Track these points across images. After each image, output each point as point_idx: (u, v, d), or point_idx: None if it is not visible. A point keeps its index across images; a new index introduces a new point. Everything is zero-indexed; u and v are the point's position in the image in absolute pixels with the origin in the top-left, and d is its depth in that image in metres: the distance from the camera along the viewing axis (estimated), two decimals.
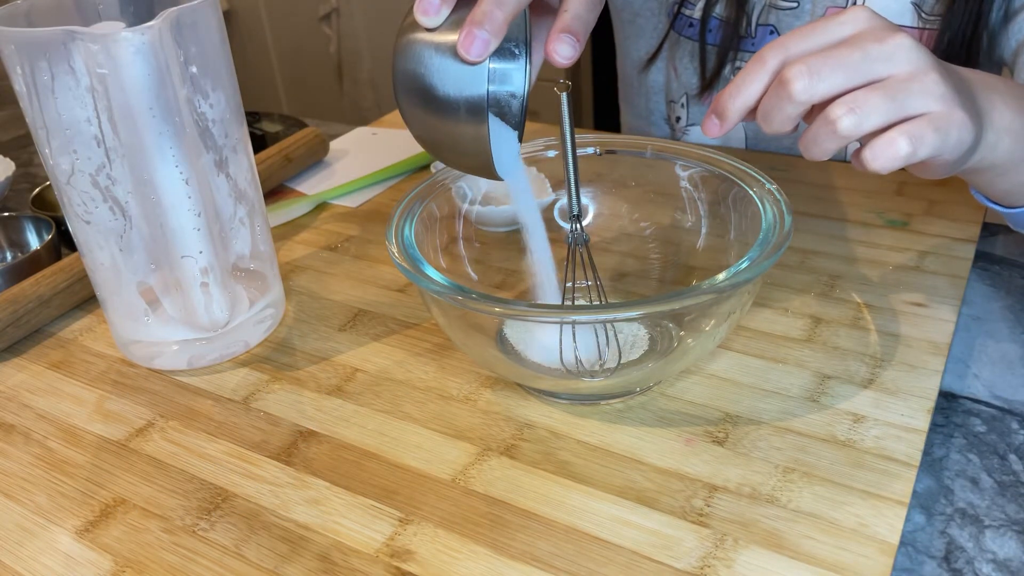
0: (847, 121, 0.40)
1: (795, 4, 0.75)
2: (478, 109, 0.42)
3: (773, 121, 0.43)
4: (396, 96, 0.45)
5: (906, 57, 0.41)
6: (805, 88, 0.41)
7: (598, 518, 0.42)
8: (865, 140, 0.41)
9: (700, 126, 0.45)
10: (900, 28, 0.42)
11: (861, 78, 0.41)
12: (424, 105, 0.43)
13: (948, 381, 0.52)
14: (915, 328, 0.54)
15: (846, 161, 0.79)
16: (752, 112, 0.44)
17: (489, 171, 0.45)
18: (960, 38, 0.67)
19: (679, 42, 0.83)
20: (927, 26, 0.70)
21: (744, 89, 0.43)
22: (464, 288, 0.43)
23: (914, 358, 0.51)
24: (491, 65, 0.42)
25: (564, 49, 0.44)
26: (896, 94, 0.40)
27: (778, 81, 0.42)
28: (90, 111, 0.46)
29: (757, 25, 0.77)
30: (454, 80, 0.42)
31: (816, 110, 0.42)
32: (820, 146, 0.42)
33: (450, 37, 0.42)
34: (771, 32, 0.77)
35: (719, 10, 0.78)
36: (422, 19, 0.42)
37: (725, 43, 0.77)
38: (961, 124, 0.41)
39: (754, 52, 0.50)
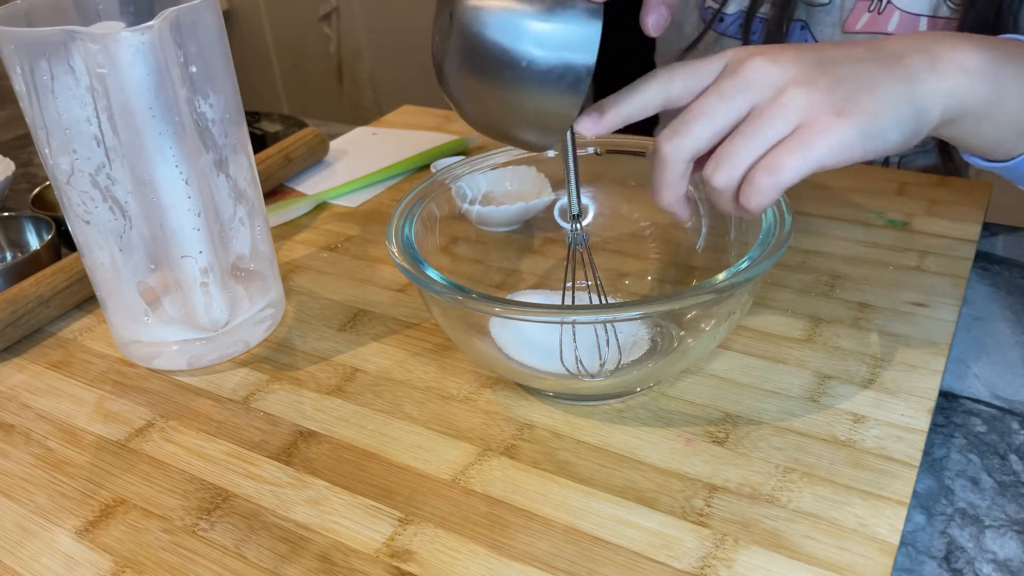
0: (718, 177, 0.41)
1: (827, 0, 0.75)
2: (583, 78, 0.39)
3: (660, 192, 0.43)
4: (454, 62, 0.41)
5: (762, 82, 0.41)
6: (676, 148, 0.41)
7: (598, 518, 0.42)
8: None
9: None
10: (760, 50, 0.42)
11: (726, 119, 0.41)
12: (505, 75, 0.39)
13: (948, 381, 0.52)
14: (915, 328, 0.54)
15: None
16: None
17: (553, 144, 0.43)
18: (982, 24, 0.67)
19: (719, 40, 0.83)
20: (957, 16, 0.70)
21: (628, 101, 0.43)
22: (464, 288, 0.43)
23: (914, 358, 0.51)
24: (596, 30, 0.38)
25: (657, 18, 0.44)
26: (755, 129, 0.40)
27: (653, 152, 0.42)
28: (90, 111, 0.46)
29: (789, 20, 0.77)
30: (561, 46, 0.38)
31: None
32: (721, 206, 0.43)
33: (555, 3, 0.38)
34: (802, 28, 0.76)
35: (764, 10, 0.78)
36: None
37: (768, 41, 0.77)
38: (827, 129, 0.39)
39: None
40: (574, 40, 0.39)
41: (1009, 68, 0.45)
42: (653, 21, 0.43)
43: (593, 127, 0.43)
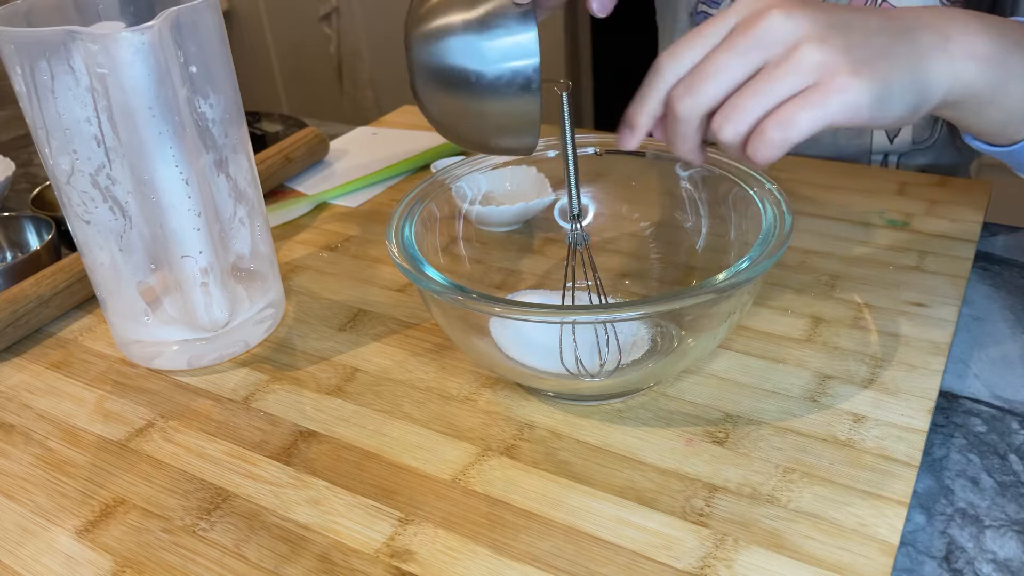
0: (726, 131, 0.41)
1: None
2: (533, 79, 0.41)
3: (675, 144, 0.44)
4: (423, 90, 0.43)
5: (777, 37, 0.40)
6: (689, 107, 0.42)
7: (598, 518, 0.42)
8: None
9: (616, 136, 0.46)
10: (773, 3, 0.41)
11: (739, 74, 0.41)
12: (464, 92, 0.42)
13: (948, 381, 0.52)
14: (915, 328, 0.54)
15: (845, 160, 0.79)
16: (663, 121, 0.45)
17: (532, 144, 0.45)
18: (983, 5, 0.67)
19: None
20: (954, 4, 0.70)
21: (647, 101, 0.44)
22: (464, 288, 0.43)
23: (914, 358, 0.51)
24: (533, 35, 0.41)
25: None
26: (767, 85, 0.40)
27: (667, 107, 0.43)
28: (90, 111, 0.46)
29: None
30: (504, 56, 0.41)
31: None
32: (729, 154, 0.44)
33: (484, 10, 0.41)
34: None
35: None
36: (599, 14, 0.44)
37: None
38: (842, 88, 0.39)
39: None
40: (513, 48, 0.41)
41: (1017, 55, 0.45)
42: (597, 4, 0.45)
43: (632, 140, 0.45)
